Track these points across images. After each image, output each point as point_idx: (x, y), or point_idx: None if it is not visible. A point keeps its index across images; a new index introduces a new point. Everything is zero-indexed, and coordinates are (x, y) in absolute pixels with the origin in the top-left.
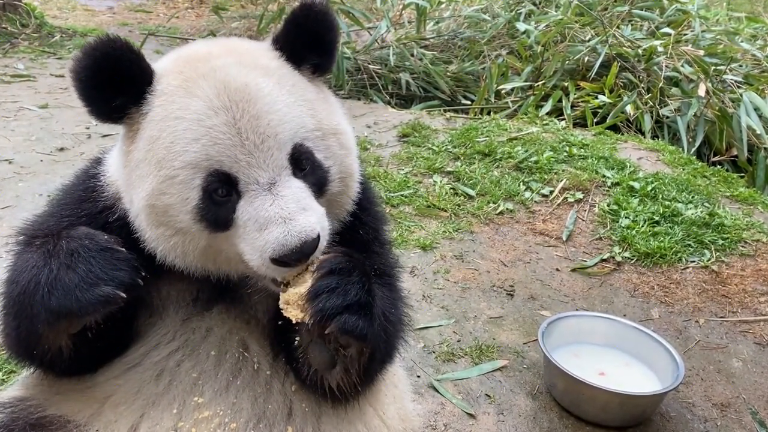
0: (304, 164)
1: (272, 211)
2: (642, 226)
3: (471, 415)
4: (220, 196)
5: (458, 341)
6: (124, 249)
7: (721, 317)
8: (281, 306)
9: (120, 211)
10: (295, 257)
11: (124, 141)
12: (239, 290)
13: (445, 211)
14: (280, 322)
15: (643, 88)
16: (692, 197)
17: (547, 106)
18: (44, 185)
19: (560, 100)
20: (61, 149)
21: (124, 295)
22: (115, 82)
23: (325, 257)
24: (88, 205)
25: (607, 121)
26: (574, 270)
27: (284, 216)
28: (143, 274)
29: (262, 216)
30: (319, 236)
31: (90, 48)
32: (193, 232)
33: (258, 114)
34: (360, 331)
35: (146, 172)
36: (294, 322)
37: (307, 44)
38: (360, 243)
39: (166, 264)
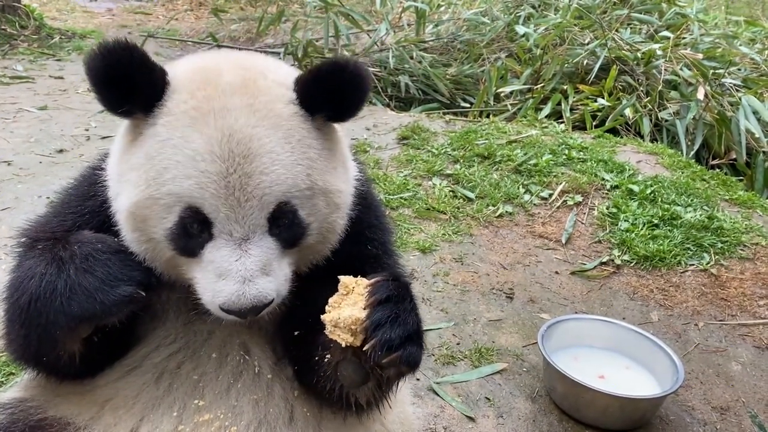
0: (282, 221)
1: (235, 267)
2: (641, 229)
3: (470, 418)
4: (194, 230)
5: (458, 344)
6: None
7: (721, 320)
8: (328, 329)
9: None
10: (242, 314)
11: (126, 134)
12: None
13: (445, 213)
14: (296, 333)
15: (642, 91)
16: (691, 200)
17: (546, 109)
18: (43, 187)
19: (559, 103)
20: (60, 151)
21: (143, 294)
22: (123, 89)
23: (377, 281)
24: (90, 202)
25: (606, 124)
26: (573, 273)
27: (245, 276)
28: (156, 273)
29: (225, 267)
30: (273, 300)
31: (104, 50)
32: (162, 246)
33: (251, 173)
34: (418, 361)
35: (136, 183)
36: (344, 345)
37: (327, 100)
38: (369, 258)
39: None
